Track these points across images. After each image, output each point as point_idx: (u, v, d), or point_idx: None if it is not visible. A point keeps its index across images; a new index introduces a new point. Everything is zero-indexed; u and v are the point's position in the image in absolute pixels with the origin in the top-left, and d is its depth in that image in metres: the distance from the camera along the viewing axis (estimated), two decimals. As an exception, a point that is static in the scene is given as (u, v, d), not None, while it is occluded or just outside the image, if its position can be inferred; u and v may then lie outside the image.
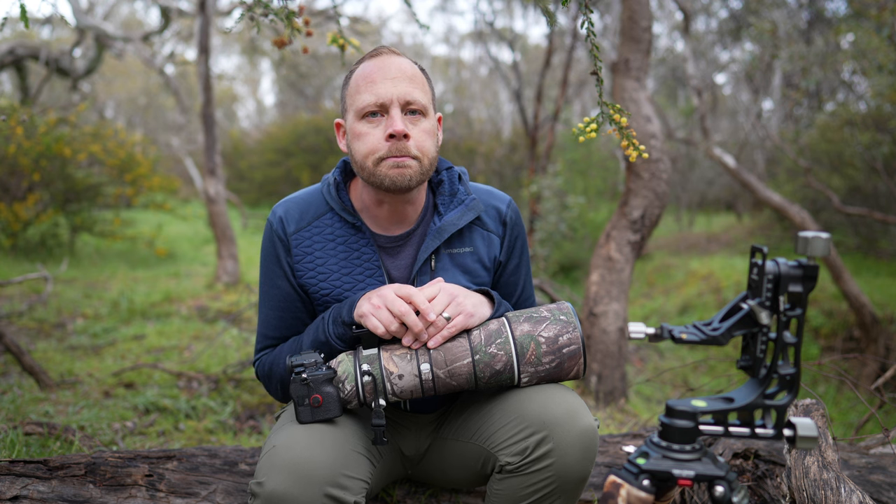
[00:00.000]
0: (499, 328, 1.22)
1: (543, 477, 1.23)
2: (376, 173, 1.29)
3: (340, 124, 1.39)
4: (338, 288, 1.35)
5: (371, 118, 1.29)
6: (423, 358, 1.21)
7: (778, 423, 0.88)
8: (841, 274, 5.30)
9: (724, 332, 0.87)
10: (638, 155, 1.55)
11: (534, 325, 1.21)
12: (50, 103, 12.19)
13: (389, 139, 1.27)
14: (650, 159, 3.08)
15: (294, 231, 1.37)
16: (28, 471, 1.50)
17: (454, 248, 1.38)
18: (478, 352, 1.20)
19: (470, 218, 1.38)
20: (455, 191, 1.41)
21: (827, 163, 8.71)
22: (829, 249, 0.83)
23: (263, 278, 1.42)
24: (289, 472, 1.13)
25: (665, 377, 4.87)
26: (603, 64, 1.60)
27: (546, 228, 7.70)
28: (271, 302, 1.40)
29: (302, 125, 14.73)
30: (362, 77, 1.32)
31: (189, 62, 13.14)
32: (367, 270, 1.36)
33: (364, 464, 1.24)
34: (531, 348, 1.19)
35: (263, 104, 27.41)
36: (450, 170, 1.45)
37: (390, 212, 1.38)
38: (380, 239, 1.39)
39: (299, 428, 1.22)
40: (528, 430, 1.25)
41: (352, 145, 1.33)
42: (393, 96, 1.28)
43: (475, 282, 1.40)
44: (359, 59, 1.39)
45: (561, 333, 1.20)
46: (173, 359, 3.59)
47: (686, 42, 7.41)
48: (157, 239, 8.85)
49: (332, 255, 1.36)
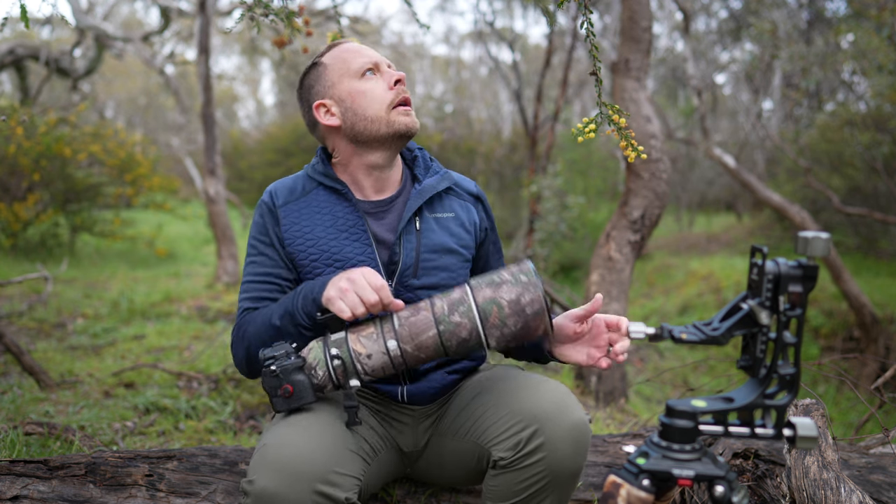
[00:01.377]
0: (461, 296, 1.23)
1: (536, 471, 1.25)
2: (390, 121, 1.39)
3: (322, 104, 1.45)
4: (325, 252, 1.40)
5: (369, 76, 1.42)
6: (388, 335, 1.23)
7: (778, 423, 0.88)
8: (841, 274, 5.30)
9: (724, 332, 0.87)
10: (637, 156, 1.55)
11: (495, 290, 1.21)
12: (50, 103, 12.19)
13: (395, 85, 1.40)
14: (650, 159, 3.08)
15: (283, 204, 1.44)
16: (28, 471, 1.50)
17: (437, 212, 1.47)
18: (441, 321, 1.21)
19: (445, 185, 1.47)
20: (429, 165, 1.52)
21: (827, 163, 8.71)
22: (829, 249, 0.83)
23: (250, 249, 1.47)
24: (278, 470, 1.15)
25: (665, 377, 4.87)
26: (603, 64, 1.60)
27: (546, 228, 7.69)
28: (256, 269, 1.44)
29: (302, 125, 14.68)
30: (344, 51, 1.44)
31: (189, 62, 13.14)
32: (354, 235, 1.41)
33: (356, 461, 1.25)
34: (493, 312, 1.19)
35: (263, 104, 27.42)
36: (421, 150, 1.57)
37: (376, 179, 1.45)
38: (364, 205, 1.45)
39: (290, 426, 1.23)
40: (519, 424, 1.27)
41: (356, 105, 1.41)
42: (379, 58, 1.44)
43: (461, 244, 1.46)
44: (318, 53, 1.49)
45: (522, 294, 1.19)
46: (173, 359, 3.59)
47: (686, 42, 7.41)
48: (157, 239, 8.85)
49: (318, 224, 1.42)
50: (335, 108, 1.43)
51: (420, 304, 1.25)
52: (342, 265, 1.39)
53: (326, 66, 1.44)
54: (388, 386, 1.43)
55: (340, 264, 1.39)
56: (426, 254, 1.41)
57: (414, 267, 1.40)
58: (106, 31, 9.41)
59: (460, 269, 1.46)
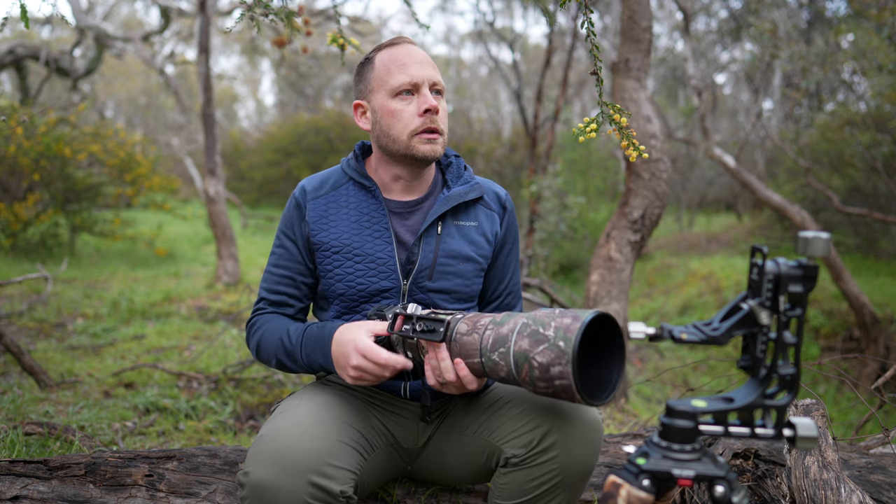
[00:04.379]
0: (507, 334, 1.15)
1: (549, 469, 1.26)
2: (410, 147, 1.40)
3: (360, 104, 1.48)
4: (347, 245, 1.43)
5: (404, 96, 1.41)
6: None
7: (778, 423, 0.88)
8: (841, 274, 5.30)
9: (724, 332, 0.86)
10: (638, 155, 1.55)
11: (533, 345, 1.10)
12: (50, 103, 12.19)
13: (424, 114, 1.40)
14: (650, 159, 3.08)
15: (312, 197, 1.48)
16: (28, 471, 1.50)
17: (461, 220, 1.48)
18: (484, 354, 1.18)
19: (474, 195, 1.48)
20: (461, 173, 1.53)
21: (827, 163, 8.71)
22: (829, 249, 0.83)
23: (276, 239, 1.52)
24: (273, 462, 1.16)
25: (665, 377, 4.87)
26: (603, 64, 1.60)
27: (546, 228, 7.69)
28: (276, 261, 1.50)
29: (302, 125, 14.72)
30: (392, 60, 1.42)
31: (189, 62, 13.14)
32: (377, 232, 1.44)
33: (352, 454, 1.26)
34: (525, 368, 1.11)
35: (263, 104, 27.43)
36: (457, 157, 1.58)
37: (405, 185, 1.48)
38: (391, 204, 1.47)
39: (286, 419, 1.25)
40: (533, 422, 1.28)
41: (383, 121, 1.42)
42: (423, 77, 1.41)
43: (479, 253, 1.47)
44: (376, 46, 1.48)
45: (553, 363, 1.06)
46: (173, 359, 3.59)
47: (686, 42, 7.41)
48: (157, 239, 8.85)
49: (344, 217, 1.46)
50: (369, 114, 1.46)
51: (478, 322, 1.21)
52: (362, 260, 1.42)
53: (374, 67, 1.45)
54: (391, 381, 1.44)
55: (360, 259, 1.42)
56: (443, 258, 1.43)
57: (430, 270, 1.42)
58: (106, 31, 9.41)
59: (475, 277, 1.47)
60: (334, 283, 1.43)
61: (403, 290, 1.42)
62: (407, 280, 1.42)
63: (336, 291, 1.43)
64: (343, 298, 1.43)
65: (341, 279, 1.42)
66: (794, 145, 8.65)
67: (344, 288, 1.42)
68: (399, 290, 1.42)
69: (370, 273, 1.42)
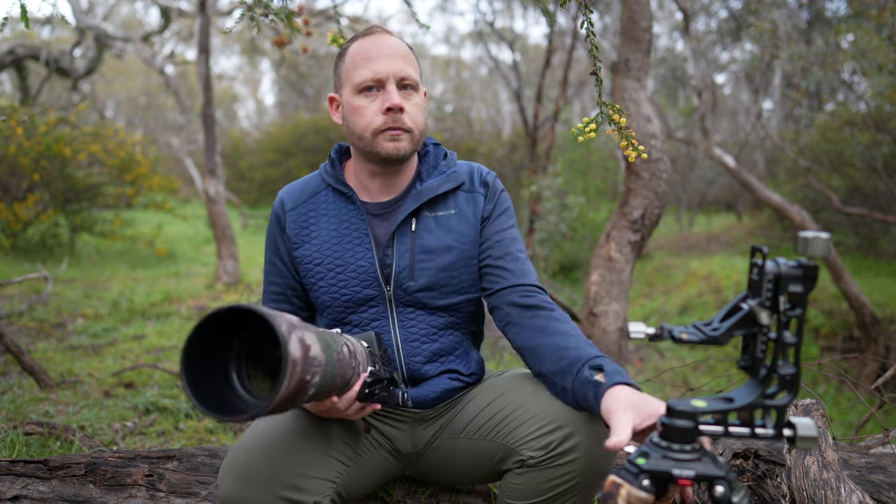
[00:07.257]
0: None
1: (567, 471, 1.24)
2: (374, 144, 1.36)
3: (334, 98, 1.45)
4: (328, 257, 1.41)
5: (368, 93, 1.36)
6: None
7: (778, 423, 0.88)
8: (841, 274, 5.30)
9: (724, 332, 0.86)
10: (637, 155, 1.55)
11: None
12: (50, 103, 12.19)
13: (387, 112, 1.34)
14: (650, 159, 3.08)
15: (291, 208, 1.45)
16: (28, 471, 1.50)
17: (439, 211, 1.43)
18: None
19: (449, 187, 1.43)
20: (437, 163, 1.48)
21: (827, 163, 8.71)
22: (829, 249, 0.83)
23: (265, 253, 1.51)
24: (241, 477, 1.15)
25: (665, 377, 4.86)
26: (603, 64, 1.60)
27: (546, 228, 7.69)
28: (269, 276, 1.49)
29: (302, 125, 14.72)
30: (359, 54, 1.38)
31: (189, 62, 13.14)
32: (356, 239, 1.41)
33: (330, 464, 1.24)
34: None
35: (263, 104, 27.42)
36: (436, 146, 1.52)
37: (382, 183, 1.44)
38: (370, 206, 1.44)
39: (256, 431, 1.23)
40: (552, 424, 1.25)
41: (349, 118, 1.39)
42: (389, 72, 1.35)
43: (462, 240, 1.42)
44: (351, 37, 1.44)
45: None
46: (173, 359, 3.59)
47: (686, 42, 7.41)
48: (157, 239, 8.85)
49: (324, 227, 1.43)
50: (341, 108, 1.43)
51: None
52: (343, 270, 1.39)
53: (346, 60, 1.40)
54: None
55: (342, 268, 1.40)
56: (421, 255, 1.39)
57: (409, 270, 1.38)
58: (106, 31, 9.41)
59: (463, 266, 1.41)
60: (320, 295, 1.42)
61: (389, 297, 1.39)
62: (389, 285, 1.39)
63: (323, 303, 1.42)
64: (330, 310, 1.42)
65: (325, 291, 1.41)
66: (794, 145, 8.65)
67: (329, 300, 1.41)
68: (384, 298, 1.40)
69: (353, 283, 1.39)
